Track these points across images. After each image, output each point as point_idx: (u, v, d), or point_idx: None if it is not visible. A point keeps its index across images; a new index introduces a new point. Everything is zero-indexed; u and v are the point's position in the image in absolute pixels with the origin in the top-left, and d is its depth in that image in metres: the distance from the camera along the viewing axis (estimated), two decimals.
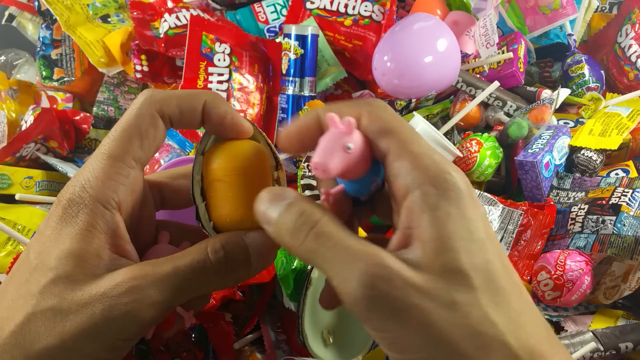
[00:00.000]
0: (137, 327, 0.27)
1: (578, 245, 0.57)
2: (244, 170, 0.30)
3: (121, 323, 0.26)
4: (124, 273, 0.27)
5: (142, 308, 0.27)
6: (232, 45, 0.74)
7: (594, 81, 0.77)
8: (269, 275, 0.59)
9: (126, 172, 0.29)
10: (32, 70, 0.87)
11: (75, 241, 0.27)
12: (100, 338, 0.26)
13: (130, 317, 0.26)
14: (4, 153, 0.70)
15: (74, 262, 0.27)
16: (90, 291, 0.26)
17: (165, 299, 0.27)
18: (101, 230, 0.28)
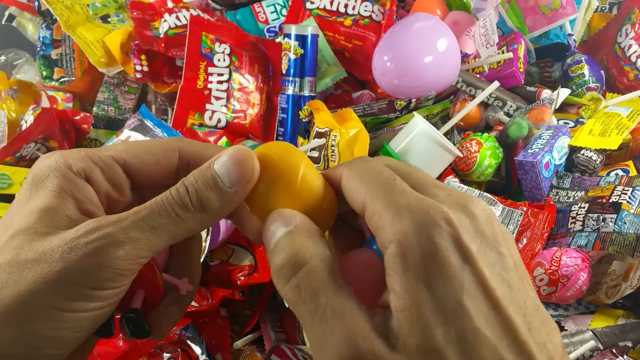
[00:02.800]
0: (103, 270, 0.24)
1: (579, 243, 0.57)
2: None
3: (84, 266, 0.24)
4: (86, 221, 0.25)
5: (107, 247, 0.24)
6: (232, 45, 0.74)
7: (594, 81, 0.77)
8: (269, 275, 0.59)
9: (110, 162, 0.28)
10: (32, 70, 0.87)
11: (41, 199, 0.25)
12: (61, 285, 0.24)
13: (94, 257, 0.24)
14: (4, 153, 0.70)
15: (37, 215, 0.25)
16: (51, 241, 0.24)
17: (130, 237, 0.24)
18: (70, 193, 0.26)
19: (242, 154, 0.26)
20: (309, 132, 0.67)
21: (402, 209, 0.23)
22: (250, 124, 0.73)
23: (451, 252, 0.21)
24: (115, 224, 0.25)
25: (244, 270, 0.60)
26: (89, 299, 0.24)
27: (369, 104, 0.72)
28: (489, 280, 0.21)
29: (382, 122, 0.72)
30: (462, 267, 0.21)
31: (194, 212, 0.26)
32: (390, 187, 0.24)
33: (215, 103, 0.72)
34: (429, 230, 0.22)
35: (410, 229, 0.22)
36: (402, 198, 0.23)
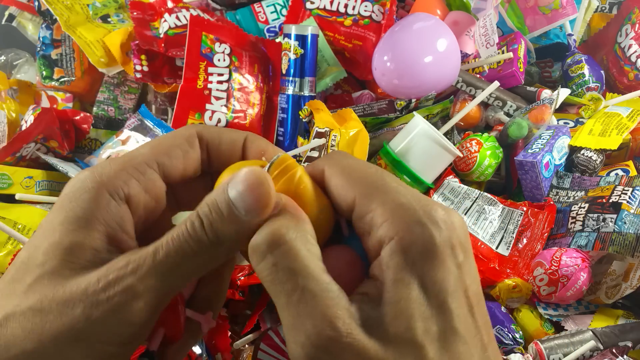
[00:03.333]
0: (126, 326, 0.23)
1: (579, 244, 0.57)
2: None
3: (106, 323, 0.23)
4: (110, 264, 0.23)
5: (127, 303, 0.23)
6: (232, 45, 0.74)
7: (594, 81, 0.77)
8: None
9: (143, 168, 0.26)
10: (32, 70, 0.87)
11: (67, 231, 0.24)
12: (84, 342, 0.23)
13: (116, 315, 0.23)
14: (4, 153, 0.70)
15: (61, 255, 0.23)
16: (71, 287, 0.23)
17: (150, 286, 0.23)
18: (102, 220, 0.24)
19: (257, 178, 0.23)
20: (309, 132, 0.67)
21: (402, 207, 0.23)
22: (250, 124, 0.73)
23: (448, 255, 0.22)
24: (134, 274, 0.23)
25: (244, 270, 0.60)
26: (108, 357, 0.23)
27: (369, 104, 0.72)
28: (469, 286, 0.23)
29: (382, 122, 0.72)
30: (453, 270, 0.23)
31: (210, 247, 0.24)
32: (382, 185, 0.24)
33: (215, 103, 0.72)
34: (432, 232, 0.22)
35: (413, 227, 0.22)
36: (399, 196, 0.23)
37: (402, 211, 0.23)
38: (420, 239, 0.22)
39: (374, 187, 0.24)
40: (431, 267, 0.22)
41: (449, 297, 0.22)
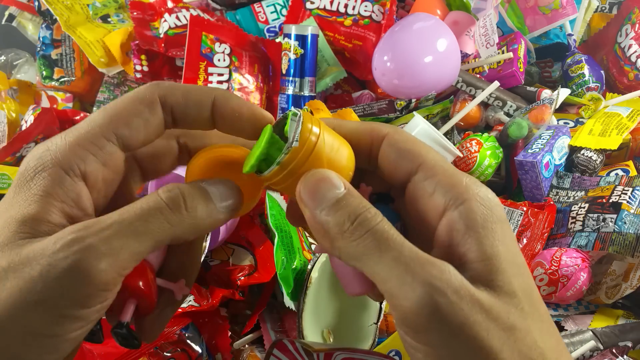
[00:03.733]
0: (85, 286, 0.22)
1: (579, 243, 0.57)
2: None
3: (65, 283, 0.22)
4: (70, 227, 0.23)
5: (88, 261, 0.22)
6: (232, 46, 0.74)
7: (594, 81, 0.77)
8: (269, 275, 0.59)
9: (101, 142, 0.25)
10: (32, 70, 0.87)
11: (23, 207, 0.23)
12: (43, 305, 0.22)
13: (75, 274, 0.22)
14: (4, 153, 0.70)
15: (15, 227, 0.23)
16: (27, 252, 0.22)
17: (113, 247, 0.22)
18: (57, 197, 0.24)
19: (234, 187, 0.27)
20: None
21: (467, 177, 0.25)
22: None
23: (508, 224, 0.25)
24: (96, 234, 0.23)
25: (244, 270, 0.60)
26: (70, 321, 0.23)
27: (369, 104, 0.72)
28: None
29: (382, 122, 0.72)
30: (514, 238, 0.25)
31: (185, 218, 0.25)
32: (446, 161, 0.26)
33: None
34: (497, 202, 0.25)
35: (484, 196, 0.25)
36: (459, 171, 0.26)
37: (470, 182, 0.25)
38: (493, 206, 0.24)
39: (436, 159, 0.26)
40: (504, 232, 0.24)
41: (523, 260, 0.25)
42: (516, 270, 0.24)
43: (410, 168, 0.26)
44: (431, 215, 0.25)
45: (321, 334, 0.51)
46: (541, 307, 0.24)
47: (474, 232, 0.24)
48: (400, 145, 0.27)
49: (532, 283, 0.24)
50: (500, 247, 0.24)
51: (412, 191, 0.27)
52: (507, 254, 0.24)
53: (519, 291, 0.23)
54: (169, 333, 0.54)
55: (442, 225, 0.25)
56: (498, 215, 0.24)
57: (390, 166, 0.27)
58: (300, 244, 0.57)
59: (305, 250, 0.56)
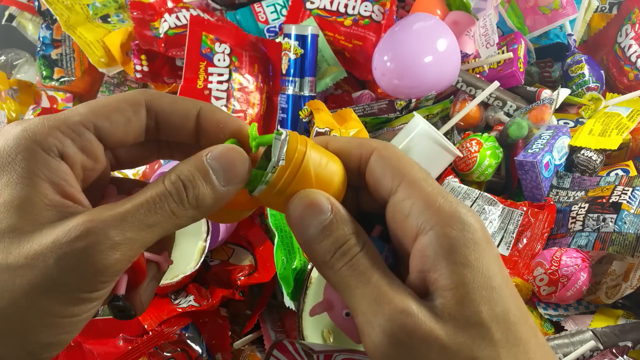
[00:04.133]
0: (99, 275, 0.23)
1: (579, 244, 0.57)
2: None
3: (80, 271, 0.23)
4: (78, 217, 0.23)
5: (102, 251, 0.23)
6: (232, 45, 0.74)
7: (594, 81, 0.77)
8: (269, 274, 0.59)
9: (79, 129, 0.26)
10: (32, 70, 0.87)
11: (14, 190, 0.23)
12: (58, 291, 0.23)
13: (90, 263, 0.23)
14: None
15: (16, 212, 0.23)
16: (40, 241, 0.23)
17: (127, 238, 0.23)
18: (44, 177, 0.24)
19: (235, 154, 0.26)
20: (309, 132, 0.67)
21: (444, 199, 0.25)
22: (250, 124, 0.73)
23: (489, 245, 0.24)
24: (112, 226, 0.23)
25: (244, 270, 0.60)
26: (84, 303, 0.24)
27: (369, 104, 0.72)
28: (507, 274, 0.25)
29: (382, 122, 0.72)
30: (496, 259, 0.24)
31: (188, 209, 0.25)
32: (427, 180, 0.26)
33: (215, 103, 0.72)
34: (474, 224, 0.24)
35: (456, 218, 0.24)
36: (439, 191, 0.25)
37: (444, 202, 0.24)
38: (466, 228, 0.24)
39: (417, 179, 0.26)
40: (480, 255, 0.23)
41: (501, 281, 0.24)
42: (488, 296, 0.23)
43: (391, 187, 0.26)
44: (407, 238, 0.25)
45: (321, 334, 0.51)
46: (520, 329, 0.23)
47: (442, 259, 0.23)
48: (385, 161, 0.26)
49: (509, 305, 0.23)
50: (469, 274, 0.23)
51: (391, 211, 0.26)
52: (478, 280, 0.23)
53: (487, 319, 0.23)
54: (168, 333, 0.54)
55: (415, 250, 0.24)
56: (471, 237, 0.24)
57: (375, 183, 0.27)
58: None
59: (300, 241, 0.56)
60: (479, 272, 0.23)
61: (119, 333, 0.54)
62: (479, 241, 0.24)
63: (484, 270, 0.23)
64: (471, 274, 0.23)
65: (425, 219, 0.24)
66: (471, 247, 0.23)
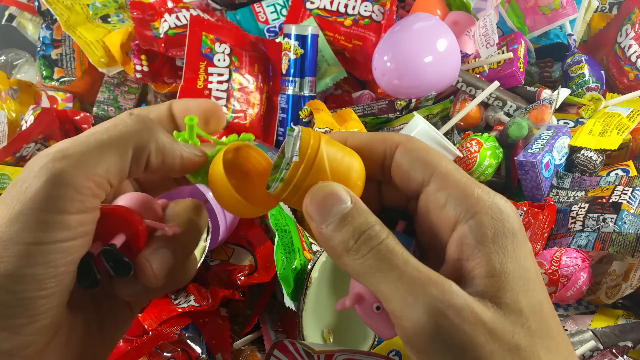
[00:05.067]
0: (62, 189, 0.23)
1: (579, 244, 0.57)
2: None
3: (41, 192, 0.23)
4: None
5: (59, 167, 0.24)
6: (232, 46, 0.74)
7: (594, 81, 0.77)
8: (269, 275, 0.59)
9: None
10: (32, 70, 0.87)
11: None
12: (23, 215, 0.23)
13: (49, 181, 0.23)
14: (4, 153, 0.70)
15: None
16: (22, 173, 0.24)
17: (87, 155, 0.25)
18: None
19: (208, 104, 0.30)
20: None
21: (481, 190, 0.25)
22: (250, 124, 0.73)
23: (524, 239, 0.24)
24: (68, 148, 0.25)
25: (244, 270, 0.60)
26: (54, 228, 0.23)
27: (369, 104, 0.72)
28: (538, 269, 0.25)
29: (382, 122, 0.72)
30: (530, 252, 0.24)
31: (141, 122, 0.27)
32: (459, 170, 0.26)
33: None
34: (510, 213, 0.24)
35: (496, 208, 0.24)
36: (475, 182, 0.25)
37: (481, 192, 0.24)
38: (505, 218, 0.24)
39: (449, 169, 0.25)
40: (517, 246, 0.24)
41: (535, 274, 0.24)
42: (525, 286, 0.23)
43: (422, 179, 0.26)
44: (443, 228, 0.25)
45: (321, 334, 0.51)
46: (552, 323, 0.24)
47: (482, 247, 0.23)
48: (413, 154, 0.26)
49: (543, 298, 0.24)
50: (509, 263, 0.23)
51: (424, 203, 0.26)
52: (517, 270, 0.23)
53: (526, 308, 0.23)
54: (169, 333, 0.54)
55: (453, 239, 0.24)
56: (510, 227, 0.24)
57: (403, 177, 0.27)
58: (301, 243, 0.57)
59: (305, 250, 0.56)
60: (517, 262, 0.23)
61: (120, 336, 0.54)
62: (517, 233, 0.24)
63: (522, 261, 0.23)
64: (511, 264, 0.23)
65: (464, 208, 0.24)
66: (510, 237, 0.24)
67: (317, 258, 0.52)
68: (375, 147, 0.28)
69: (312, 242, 0.60)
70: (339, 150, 0.27)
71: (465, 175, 0.25)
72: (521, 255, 0.24)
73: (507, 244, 0.23)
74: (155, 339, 0.53)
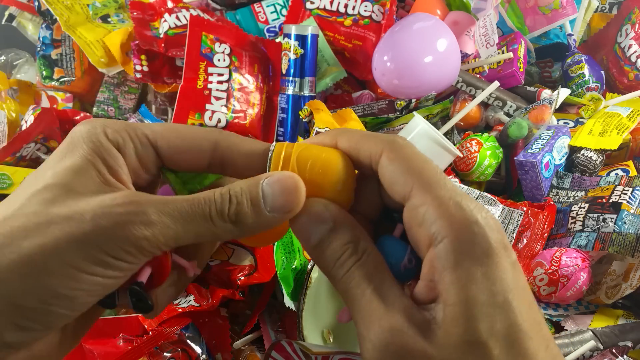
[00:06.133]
0: (127, 243, 0.24)
1: (579, 244, 0.57)
2: None
3: (111, 234, 0.24)
4: (126, 191, 0.26)
5: (136, 223, 0.24)
6: (232, 45, 0.74)
7: (594, 81, 0.77)
8: (269, 275, 0.59)
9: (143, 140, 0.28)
10: (32, 70, 0.87)
11: (75, 160, 0.26)
12: (85, 247, 0.24)
13: (122, 228, 0.24)
14: (4, 153, 0.70)
15: (71, 174, 0.25)
16: (87, 201, 0.24)
17: (162, 222, 0.25)
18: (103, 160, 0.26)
19: (293, 183, 0.26)
20: (309, 132, 0.67)
21: (457, 206, 0.24)
22: (250, 124, 0.73)
23: (503, 255, 0.23)
24: (153, 205, 0.25)
25: (244, 270, 0.60)
26: (107, 267, 0.24)
27: (369, 104, 0.72)
28: (524, 284, 0.24)
29: (382, 122, 0.72)
30: (510, 269, 0.23)
31: (227, 222, 0.26)
32: (438, 181, 0.25)
33: (215, 103, 0.72)
34: (486, 232, 0.23)
35: (467, 228, 0.23)
36: (454, 194, 0.24)
37: (457, 210, 0.24)
38: (477, 239, 0.23)
39: (431, 182, 0.25)
40: (490, 267, 0.23)
41: (510, 294, 0.23)
42: (490, 313, 0.22)
43: (404, 192, 0.25)
44: (422, 245, 0.25)
45: (321, 334, 0.51)
46: (526, 344, 0.22)
47: (447, 273, 0.23)
48: (395, 165, 0.26)
49: (514, 321, 0.22)
50: (473, 290, 0.22)
51: (406, 217, 0.26)
52: (482, 296, 0.22)
53: (486, 336, 0.22)
54: (169, 333, 0.54)
55: (427, 259, 0.24)
56: (482, 249, 0.23)
57: (389, 188, 0.26)
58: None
59: (305, 250, 0.56)
60: (484, 288, 0.22)
61: (119, 333, 0.54)
62: (490, 253, 0.23)
63: (490, 286, 0.23)
64: (476, 290, 0.22)
65: (437, 229, 0.23)
66: (479, 261, 0.23)
67: None
68: (362, 151, 0.27)
69: None
70: (315, 157, 0.27)
71: (445, 187, 0.24)
72: (490, 279, 0.23)
73: (475, 270, 0.23)
74: (155, 339, 0.53)
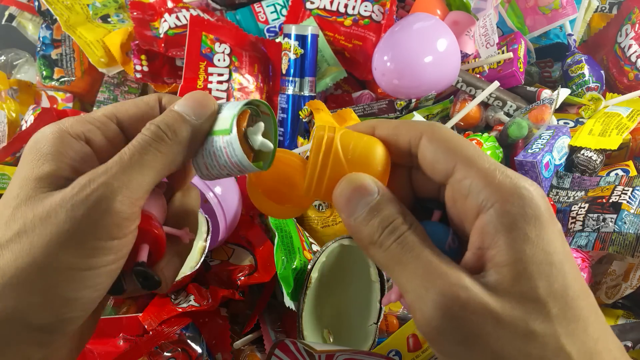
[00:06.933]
0: (109, 217, 0.25)
1: (579, 244, 0.57)
2: None
3: (90, 219, 0.24)
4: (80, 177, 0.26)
5: (105, 195, 0.25)
6: (232, 46, 0.74)
7: (594, 81, 0.77)
8: (269, 275, 0.59)
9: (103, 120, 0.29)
10: (32, 70, 0.87)
11: (36, 166, 0.26)
12: (73, 244, 0.24)
13: (97, 208, 0.24)
14: (4, 153, 0.70)
15: (34, 183, 0.26)
16: (50, 202, 0.25)
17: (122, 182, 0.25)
18: (67, 155, 0.27)
19: (199, 92, 0.29)
20: (309, 132, 0.67)
21: (503, 175, 0.24)
22: None
23: (552, 220, 0.24)
24: (105, 173, 0.25)
25: (244, 270, 0.60)
26: (103, 253, 0.25)
27: (369, 104, 0.72)
28: (569, 250, 0.25)
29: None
30: (558, 234, 0.24)
31: (171, 145, 0.28)
32: (480, 155, 0.26)
33: None
34: (536, 199, 0.24)
35: (517, 193, 0.24)
36: (496, 166, 0.25)
37: (503, 177, 0.24)
38: (527, 202, 0.23)
39: (473, 157, 0.25)
40: (543, 229, 0.23)
41: (562, 257, 0.23)
42: (547, 272, 0.23)
43: (446, 169, 0.26)
44: (468, 217, 0.25)
45: (321, 334, 0.52)
46: (579, 305, 0.23)
47: (500, 236, 0.23)
48: (436, 145, 0.26)
49: (569, 282, 0.23)
50: (528, 250, 0.23)
51: (450, 193, 0.26)
52: (537, 256, 0.23)
53: (545, 295, 0.23)
54: (169, 333, 0.54)
55: (475, 228, 0.25)
56: (532, 212, 0.23)
57: (429, 168, 0.27)
58: (301, 243, 0.57)
59: (305, 250, 0.56)
60: (538, 248, 0.23)
61: (119, 333, 0.54)
62: (540, 216, 0.23)
63: (544, 246, 0.23)
64: (530, 250, 0.23)
65: (485, 197, 0.24)
66: (532, 222, 0.23)
67: (317, 258, 0.52)
68: (401, 137, 0.28)
69: (312, 242, 0.60)
70: (357, 140, 0.28)
71: (489, 161, 0.25)
72: (544, 240, 0.23)
73: (528, 230, 0.23)
74: (155, 339, 0.53)
